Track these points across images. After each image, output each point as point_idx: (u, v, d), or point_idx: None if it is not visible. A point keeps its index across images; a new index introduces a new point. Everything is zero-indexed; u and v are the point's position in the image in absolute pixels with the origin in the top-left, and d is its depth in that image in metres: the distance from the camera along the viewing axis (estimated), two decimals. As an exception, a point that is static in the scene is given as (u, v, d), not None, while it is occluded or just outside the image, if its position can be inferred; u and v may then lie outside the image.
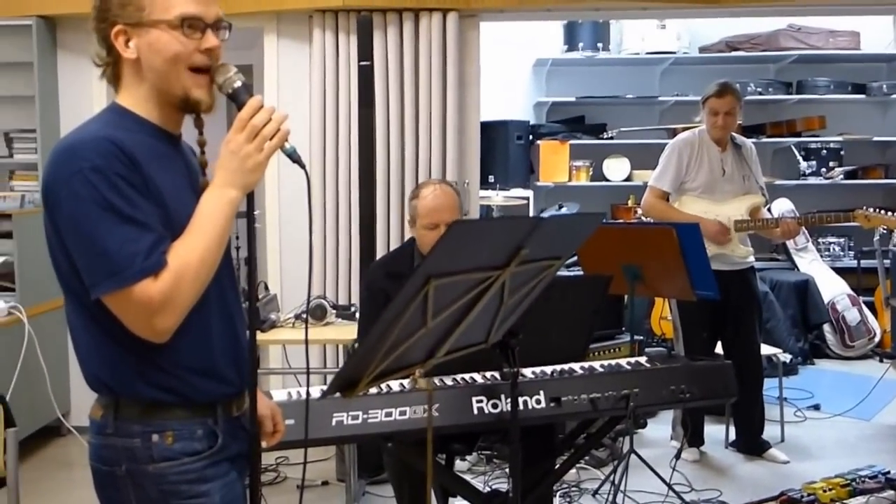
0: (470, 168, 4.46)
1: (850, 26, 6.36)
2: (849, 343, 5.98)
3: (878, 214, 3.91)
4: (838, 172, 6.38)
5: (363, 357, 1.50)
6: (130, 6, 1.49)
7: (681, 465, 4.00)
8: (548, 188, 6.30)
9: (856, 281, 6.17)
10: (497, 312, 1.69)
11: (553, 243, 1.72)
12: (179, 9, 1.49)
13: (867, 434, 4.54)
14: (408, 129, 4.36)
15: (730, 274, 3.95)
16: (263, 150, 1.49)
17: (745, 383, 3.90)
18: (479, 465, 3.98)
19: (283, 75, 4.50)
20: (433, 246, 1.46)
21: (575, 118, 6.52)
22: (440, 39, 4.31)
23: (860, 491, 3.50)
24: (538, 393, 2.48)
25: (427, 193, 2.86)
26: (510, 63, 6.50)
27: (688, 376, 2.64)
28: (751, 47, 6.37)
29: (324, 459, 4.00)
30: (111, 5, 1.50)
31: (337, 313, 3.72)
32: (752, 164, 4.08)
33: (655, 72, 6.52)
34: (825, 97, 6.42)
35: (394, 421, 2.36)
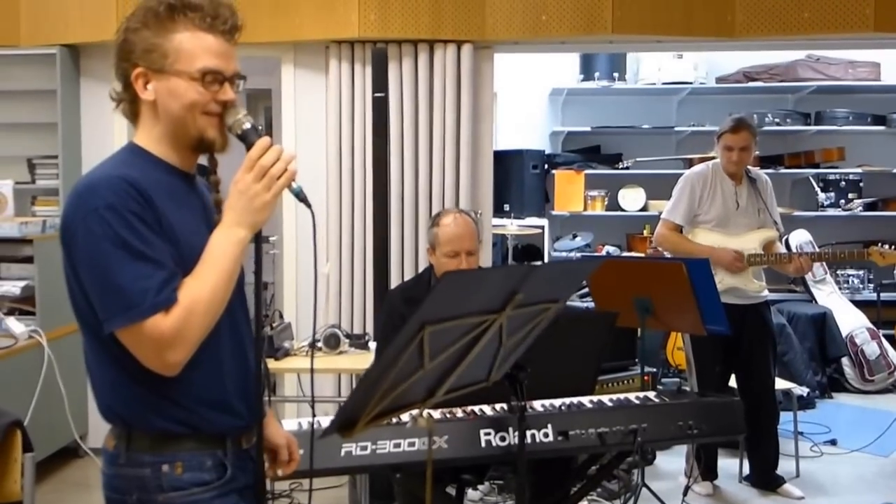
0: (483, 198, 4.49)
1: (870, 57, 6.35)
2: (868, 377, 5.91)
3: (893, 251, 3.88)
4: (857, 204, 6.34)
5: (361, 398, 1.52)
6: (155, 53, 1.54)
7: (694, 499, 3.97)
8: (563, 217, 6.31)
9: (875, 314, 6.10)
10: (497, 353, 1.70)
11: (549, 288, 1.73)
12: (202, 62, 1.55)
13: (886, 470, 4.47)
14: (422, 159, 4.40)
15: (743, 308, 3.93)
16: (271, 189, 1.53)
17: (759, 418, 3.91)
18: (490, 494, 3.97)
19: (300, 104, 4.57)
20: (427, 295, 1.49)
21: (591, 147, 6.54)
22: (455, 71, 4.36)
23: (876, 529, 3.46)
24: (546, 426, 2.50)
25: (448, 222, 2.91)
26: (526, 92, 6.56)
27: (696, 412, 2.64)
28: (769, 78, 6.38)
29: (337, 486, 4.01)
30: (135, 48, 1.55)
31: (350, 342, 3.74)
32: (766, 197, 4.08)
33: (672, 101, 6.54)
34: (844, 128, 6.39)
35: (402, 452, 2.38)
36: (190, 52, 1.54)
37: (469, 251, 2.89)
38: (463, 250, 2.87)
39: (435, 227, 2.96)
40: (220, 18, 1.57)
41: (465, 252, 2.87)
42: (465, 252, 2.87)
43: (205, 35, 1.55)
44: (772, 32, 4.49)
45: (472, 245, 2.90)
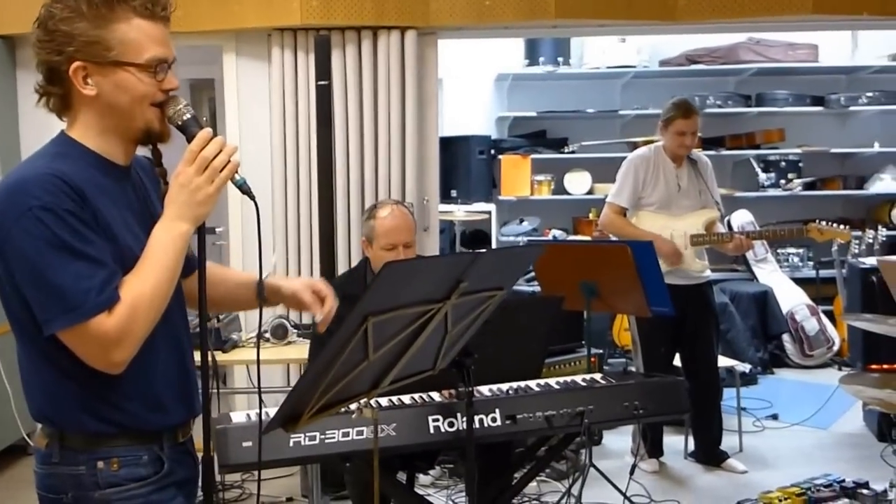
0: (430, 184, 4.49)
1: (808, 39, 6.48)
2: (808, 352, 6.08)
3: (831, 228, 4.00)
4: (797, 184, 6.49)
5: (304, 392, 1.51)
6: (98, 45, 1.48)
7: (640, 476, 4.04)
8: (510, 202, 6.35)
9: (815, 291, 6.28)
10: (442, 341, 1.71)
11: (493, 275, 1.74)
12: (149, 52, 1.51)
13: (824, 443, 4.62)
14: (367, 146, 4.38)
15: (687, 288, 4.01)
16: (214, 182, 1.50)
17: (703, 395, 4.01)
18: (442, 479, 4.00)
19: (243, 94, 4.51)
20: (368, 286, 1.48)
21: (536, 132, 6.58)
22: (399, 57, 4.34)
23: (815, 500, 3.56)
24: (494, 411, 2.51)
25: (385, 214, 2.89)
26: (471, 78, 6.56)
27: (641, 393, 2.68)
28: (710, 60, 6.48)
29: (288, 476, 4.00)
30: (73, 41, 1.48)
31: (298, 332, 3.72)
32: (707, 179, 4.15)
33: (616, 86, 6.60)
34: (784, 109, 6.53)
35: (350, 441, 2.38)
36: (136, 42, 1.50)
37: (406, 244, 2.88)
38: (400, 243, 2.85)
39: (371, 220, 2.92)
40: (160, 4, 1.53)
41: (402, 245, 2.86)
42: (402, 245, 2.86)
43: (146, 23, 1.51)
44: (713, 15, 4.55)
45: (409, 237, 2.89)
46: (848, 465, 4.14)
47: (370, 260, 2.96)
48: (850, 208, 6.70)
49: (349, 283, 3.06)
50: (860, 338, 4.77)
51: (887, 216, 6.50)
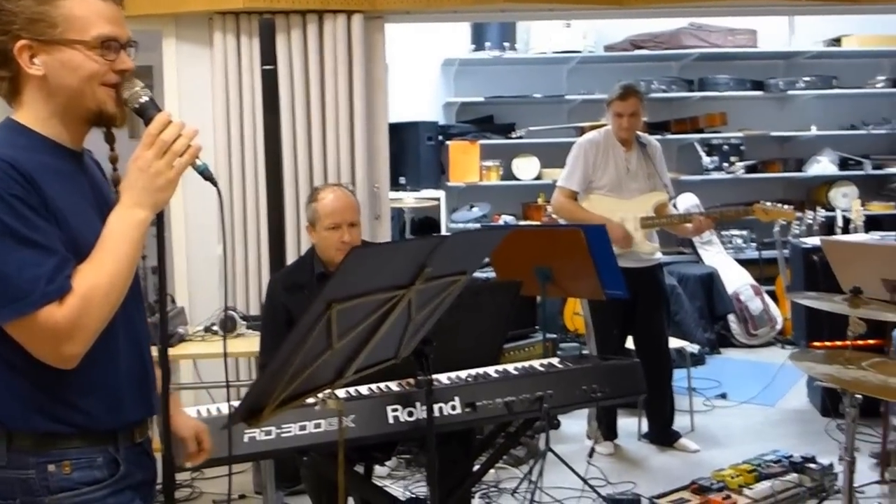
0: (380, 171, 4.42)
1: (747, 25, 6.59)
2: (752, 332, 6.21)
3: (775, 207, 4.07)
4: (739, 167, 6.61)
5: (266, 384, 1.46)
6: (42, 23, 1.42)
7: (597, 459, 4.07)
8: (459, 188, 6.32)
9: (758, 271, 6.41)
10: (405, 329, 1.67)
11: (457, 259, 1.71)
12: (97, 30, 1.44)
13: (772, 419, 4.71)
14: (315, 133, 4.29)
15: (638, 271, 4.04)
16: (174, 167, 1.44)
17: (654, 377, 4.02)
18: (399, 469, 3.96)
19: (184, 80, 4.38)
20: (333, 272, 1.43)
21: (484, 118, 6.56)
22: (345, 42, 4.26)
23: (765, 476, 3.63)
24: (453, 399, 2.49)
25: (326, 195, 2.88)
26: (418, 63, 6.50)
27: (599, 376, 2.69)
28: (654, 46, 6.54)
29: (240, 472, 3.91)
30: (16, 19, 1.41)
31: (248, 324, 3.64)
32: (656, 162, 4.18)
33: (562, 71, 6.62)
34: (725, 94, 6.64)
35: (308, 434, 2.33)
36: (82, 19, 1.43)
37: (351, 222, 2.85)
38: (345, 222, 2.83)
39: (313, 203, 2.89)
40: None
41: (346, 224, 2.83)
42: (346, 224, 2.83)
43: (95, 0, 1.44)
44: (656, 0, 4.57)
45: (353, 217, 2.87)
46: (795, 441, 4.24)
47: (316, 245, 2.92)
48: (790, 190, 6.86)
49: (296, 272, 3.00)
50: (803, 317, 4.88)
51: (825, 197, 6.67)
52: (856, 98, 6.85)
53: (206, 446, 1.76)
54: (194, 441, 1.74)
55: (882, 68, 6.85)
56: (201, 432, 1.75)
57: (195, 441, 1.74)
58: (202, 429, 1.76)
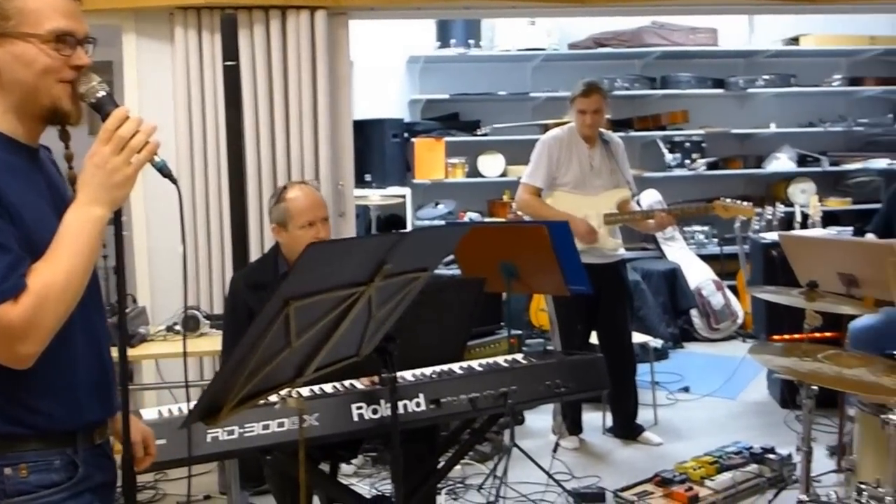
0: (344, 168, 4.41)
1: (708, 23, 6.68)
2: (714, 326, 6.29)
3: (734, 204, 4.14)
4: (701, 164, 6.69)
5: (224, 383, 1.45)
6: None
7: (562, 454, 4.11)
8: (425, 185, 6.33)
9: (719, 267, 6.50)
10: (366, 326, 1.66)
11: (417, 256, 1.70)
12: (52, 23, 1.41)
13: (733, 412, 4.79)
14: (278, 130, 4.26)
15: (601, 267, 4.08)
16: (132, 163, 1.41)
17: (618, 372, 4.07)
18: (365, 467, 3.96)
19: (145, 76, 4.32)
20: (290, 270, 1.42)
21: (449, 115, 6.57)
22: (309, 38, 4.23)
23: (726, 467, 3.69)
24: (418, 396, 2.49)
25: (296, 194, 2.84)
26: (383, 60, 6.49)
27: (563, 371, 2.71)
28: (617, 44, 6.59)
29: (205, 473, 3.88)
30: None
31: (211, 324, 3.61)
32: (619, 159, 4.22)
33: (527, 68, 6.65)
34: (687, 92, 6.72)
35: (271, 433, 2.32)
36: (37, 12, 1.40)
37: (325, 218, 2.85)
38: (318, 219, 2.81)
39: (282, 203, 2.84)
40: None
41: (320, 220, 2.82)
42: (320, 220, 2.82)
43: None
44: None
45: (325, 212, 2.86)
46: (755, 432, 4.31)
47: (283, 245, 2.88)
48: (750, 186, 6.96)
49: (259, 271, 2.97)
50: (763, 311, 4.96)
51: (784, 193, 6.79)
52: (813, 96, 6.97)
53: (152, 451, 1.73)
54: (141, 446, 1.71)
55: (838, 67, 6.99)
56: (148, 437, 1.72)
57: (142, 446, 1.71)
58: (149, 433, 1.73)
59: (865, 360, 2.63)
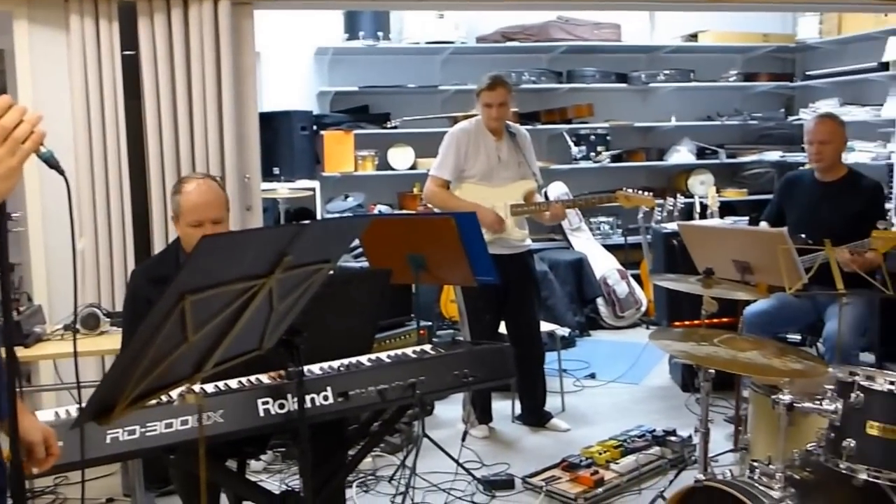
0: (250, 161, 4.33)
1: (612, 19, 6.84)
2: (619, 314, 6.47)
3: (636, 195, 4.26)
4: (606, 156, 6.86)
5: (117, 380, 1.41)
6: None
7: (472, 443, 4.16)
8: (334, 179, 6.28)
9: (623, 256, 6.69)
10: (268, 319, 1.65)
11: (319, 248, 1.69)
12: None
13: (637, 397, 4.94)
14: (181, 121, 4.16)
15: (509, 258, 4.14)
16: (16, 154, 1.35)
17: (526, 360, 4.16)
18: (275, 463, 3.92)
19: (39, 65, 4.14)
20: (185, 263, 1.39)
21: (359, 107, 6.54)
22: (212, 28, 4.14)
23: (630, 450, 3.83)
24: (325, 389, 2.47)
25: (191, 189, 2.75)
26: (291, 52, 6.41)
27: (470, 361, 2.74)
28: (524, 38, 6.68)
29: (108, 475, 3.77)
30: None
31: (112, 321, 3.50)
32: (526, 151, 4.29)
33: (436, 61, 6.67)
34: (592, 86, 6.87)
35: (174, 432, 2.26)
36: None
37: (215, 220, 2.73)
38: (207, 219, 2.71)
39: (177, 195, 2.77)
40: None
41: (209, 221, 2.71)
42: (209, 221, 2.71)
43: None
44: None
45: (218, 213, 2.75)
46: (658, 416, 4.46)
47: (181, 238, 2.82)
48: (652, 178, 7.18)
49: (161, 264, 2.89)
50: (664, 298, 5.14)
51: (684, 185, 7.02)
52: (711, 91, 7.23)
53: (55, 451, 1.68)
54: (42, 446, 1.66)
55: (735, 63, 7.27)
56: (49, 436, 1.68)
57: (43, 446, 1.67)
58: (50, 433, 1.68)
59: (758, 343, 2.74)
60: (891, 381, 2.24)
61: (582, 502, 3.46)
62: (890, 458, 2.21)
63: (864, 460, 2.23)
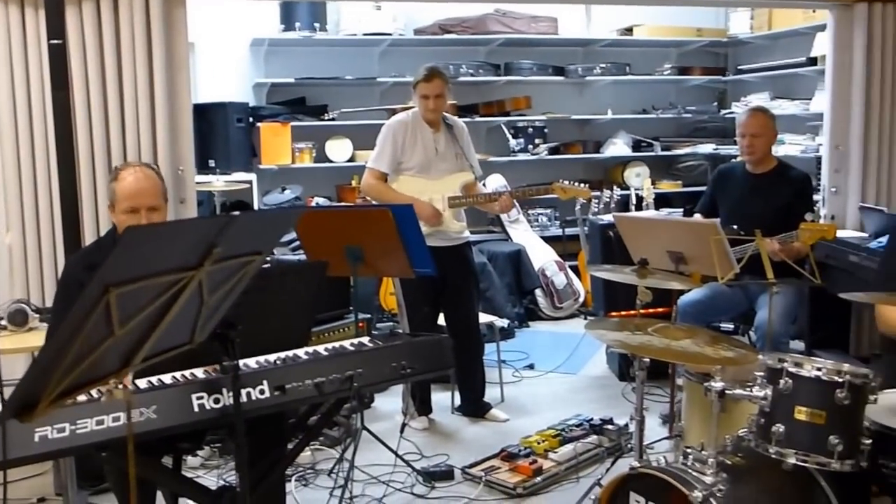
0: (183, 153, 4.24)
1: (549, 12, 6.90)
2: (558, 305, 6.55)
3: (573, 186, 4.31)
4: (543, 149, 6.93)
5: (40, 375, 1.37)
6: None
7: (412, 434, 4.17)
8: (271, 171, 6.21)
9: (561, 248, 6.76)
10: (199, 312, 1.62)
11: (249, 239, 1.67)
12: None
13: (575, 386, 5.01)
14: (112, 112, 4.05)
15: (447, 250, 4.15)
16: None
17: (465, 352, 4.18)
18: (212, 458, 3.86)
19: (-41, 53, 3.99)
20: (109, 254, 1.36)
21: (296, 99, 6.47)
22: (143, 17, 4.04)
23: (569, 439, 3.88)
24: (262, 383, 2.44)
25: (126, 176, 2.75)
26: (226, 42, 6.30)
27: (408, 352, 2.73)
28: (462, 30, 6.69)
29: (39, 474, 3.67)
30: None
31: (41, 317, 3.40)
32: (464, 143, 4.29)
33: (374, 53, 6.64)
34: (529, 79, 6.92)
35: (106, 429, 2.21)
36: None
37: (151, 207, 2.74)
38: (143, 206, 2.71)
39: (113, 182, 2.77)
40: None
41: (145, 208, 2.72)
42: (145, 208, 2.72)
43: None
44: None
45: (154, 201, 2.75)
46: (595, 405, 4.52)
47: (117, 226, 2.78)
48: (589, 170, 7.27)
49: (96, 252, 2.84)
50: (601, 289, 5.21)
51: (620, 177, 7.14)
52: (646, 84, 7.36)
53: None
54: None
55: (669, 57, 7.40)
56: None
57: None
58: None
59: (691, 332, 2.80)
60: (818, 367, 2.30)
61: (521, 491, 3.50)
62: (817, 442, 2.26)
63: (793, 445, 2.28)
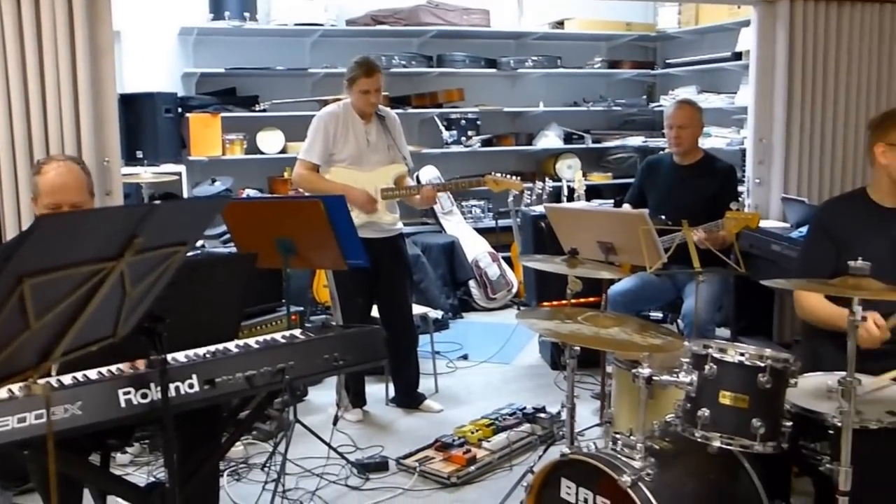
0: (109, 144, 4.13)
1: (481, 5, 6.93)
2: (491, 296, 6.60)
3: (505, 179, 4.35)
4: (476, 141, 6.97)
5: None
6: None
7: (346, 427, 4.16)
8: (201, 163, 6.10)
9: (495, 239, 6.82)
10: (121, 304, 1.58)
11: (173, 229, 1.64)
12: None
13: (508, 376, 5.06)
14: (33, 102, 3.92)
15: (380, 241, 4.15)
16: None
17: (399, 343, 4.19)
18: (142, 455, 3.79)
19: None
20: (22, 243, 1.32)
21: (226, 90, 6.36)
22: (65, 4, 3.92)
23: (502, 428, 3.92)
24: (191, 377, 2.40)
25: (49, 170, 2.70)
26: (153, 31, 6.15)
27: (341, 344, 2.72)
28: (394, 21, 6.67)
29: (-41, 477, 3.54)
30: None
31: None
32: (396, 134, 4.29)
33: (305, 44, 6.57)
34: (462, 71, 6.94)
35: (28, 426, 2.14)
36: None
37: (74, 204, 2.70)
38: (65, 203, 2.67)
39: (37, 176, 2.73)
40: None
41: (67, 205, 2.68)
42: (67, 205, 2.68)
43: None
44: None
45: (77, 197, 2.71)
46: (528, 394, 4.59)
47: None
48: (522, 162, 7.34)
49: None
50: (533, 279, 5.28)
51: (552, 169, 7.22)
52: (577, 77, 7.45)
53: None
54: None
55: (599, 50, 7.51)
56: None
57: None
58: None
59: (620, 320, 2.84)
60: (741, 352, 2.38)
61: (455, 480, 3.52)
62: (740, 426, 2.33)
63: (718, 428, 2.35)
